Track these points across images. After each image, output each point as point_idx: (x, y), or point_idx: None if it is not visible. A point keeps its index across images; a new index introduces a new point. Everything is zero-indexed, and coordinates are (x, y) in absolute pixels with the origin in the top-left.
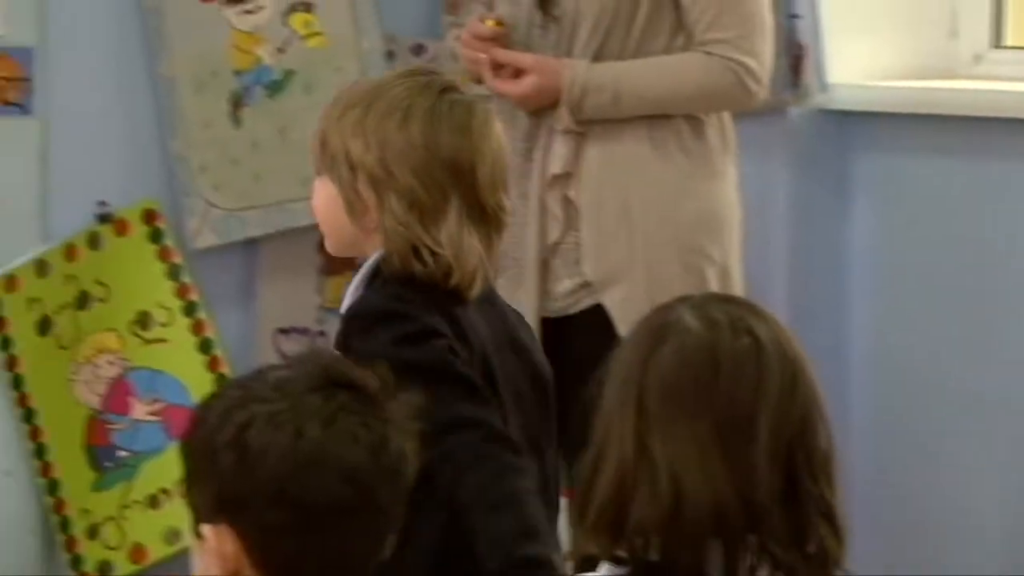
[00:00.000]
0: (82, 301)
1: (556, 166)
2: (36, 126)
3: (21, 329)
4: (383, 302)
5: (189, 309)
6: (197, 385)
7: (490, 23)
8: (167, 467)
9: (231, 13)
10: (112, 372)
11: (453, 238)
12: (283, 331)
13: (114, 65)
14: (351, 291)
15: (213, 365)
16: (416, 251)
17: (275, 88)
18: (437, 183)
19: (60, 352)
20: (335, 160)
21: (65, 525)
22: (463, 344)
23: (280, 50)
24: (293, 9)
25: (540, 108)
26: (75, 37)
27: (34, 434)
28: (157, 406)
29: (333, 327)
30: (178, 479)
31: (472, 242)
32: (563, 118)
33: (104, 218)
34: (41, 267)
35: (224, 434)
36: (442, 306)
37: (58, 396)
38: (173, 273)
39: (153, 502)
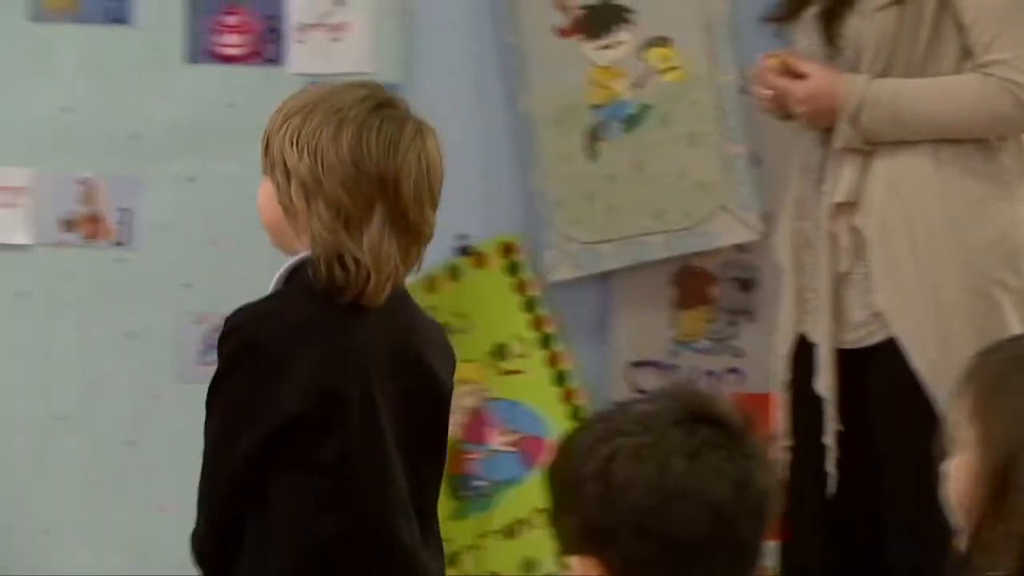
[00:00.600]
0: None
1: (840, 194)
2: None
3: None
4: (248, 314)
5: (545, 341)
6: (553, 416)
7: (776, 60)
8: (524, 497)
9: (589, 49)
10: (471, 402)
11: (374, 246)
12: (636, 364)
13: (475, 101)
14: (272, 284)
15: (568, 397)
16: (340, 258)
17: (631, 122)
18: (363, 195)
19: None
20: (274, 165)
21: None
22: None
23: (637, 85)
24: (651, 44)
25: (821, 120)
26: (439, 74)
27: None
28: (514, 436)
29: (686, 361)
30: (534, 509)
31: (391, 251)
32: (842, 132)
33: (464, 251)
34: None
35: (589, 466)
36: (333, 321)
37: None
38: (530, 305)
39: (510, 532)
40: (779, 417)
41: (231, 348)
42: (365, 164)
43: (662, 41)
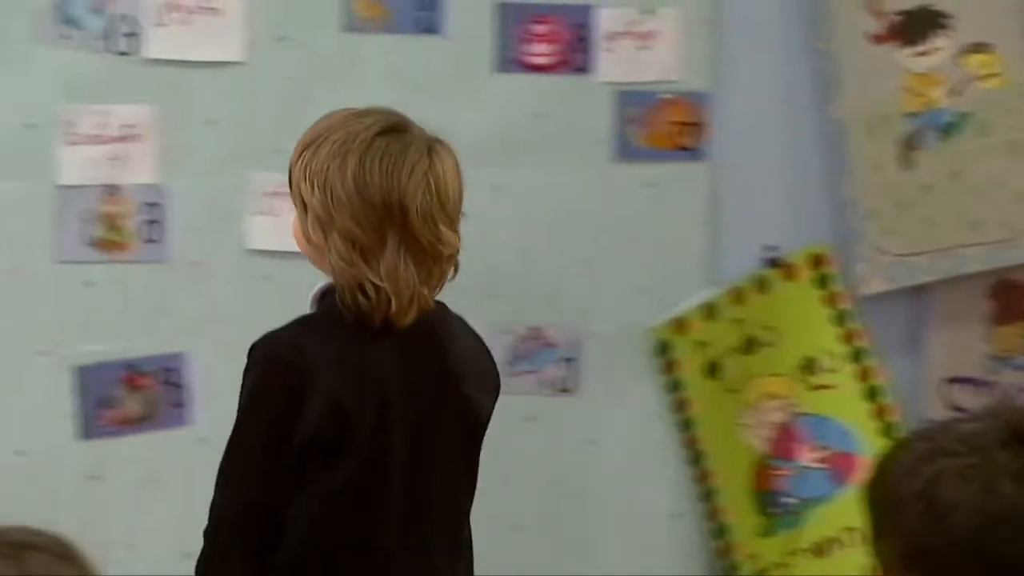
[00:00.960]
0: (749, 345)
1: None
2: (707, 170)
3: (690, 372)
4: (271, 341)
5: (856, 355)
6: (865, 433)
7: None
8: (834, 515)
9: (905, 55)
10: (778, 417)
11: (391, 272)
12: (951, 380)
13: (784, 109)
14: (309, 305)
15: (881, 413)
16: (361, 286)
17: (949, 131)
18: (372, 223)
19: (728, 396)
20: (295, 197)
21: (733, 570)
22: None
23: (955, 92)
24: (970, 50)
25: None
26: (747, 81)
27: (703, 477)
28: (824, 453)
29: (1005, 378)
30: (845, 528)
31: (408, 274)
32: None
33: (773, 263)
34: (710, 310)
35: (911, 486)
36: (355, 347)
37: (727, 439)
38: (840, 319)
39: (819, 550)
40: None
41: (255, 374)
42: (369, 192)
43: (982, 47)
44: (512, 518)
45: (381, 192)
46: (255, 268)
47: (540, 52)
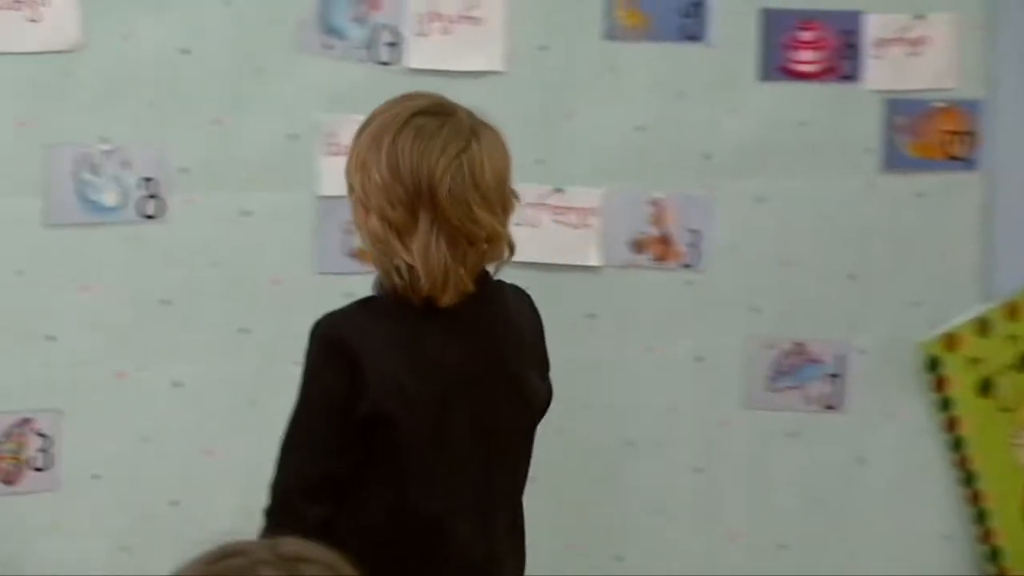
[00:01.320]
0: None
1: None
2: (981, 181)
3: (962, 389)
4: (328, 322)
5: None
6: None
7: None
8: None
9: None
10: None
11: (421, 251)
12: None
13: None
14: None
15: None
16: (397, 267)
17: None
18: (403, 203)
19: (1002, 415)
20: (347, 184)
21: None
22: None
23: None
24: None
25: None
26: (1022, 89)
27: (975, 498)
28: None
29: None
30: None
31: (440, 254)
32: None
33: None
34: (983, 326)
35: None
36: (402, 327)
37: (1000, 460)
38: None
39: None
40: None
41: (314, 352)
42: (401, 171)
43: None
44: (774, 537)
45: (412, 171)
46: (510, 279)
47: (806, 59)
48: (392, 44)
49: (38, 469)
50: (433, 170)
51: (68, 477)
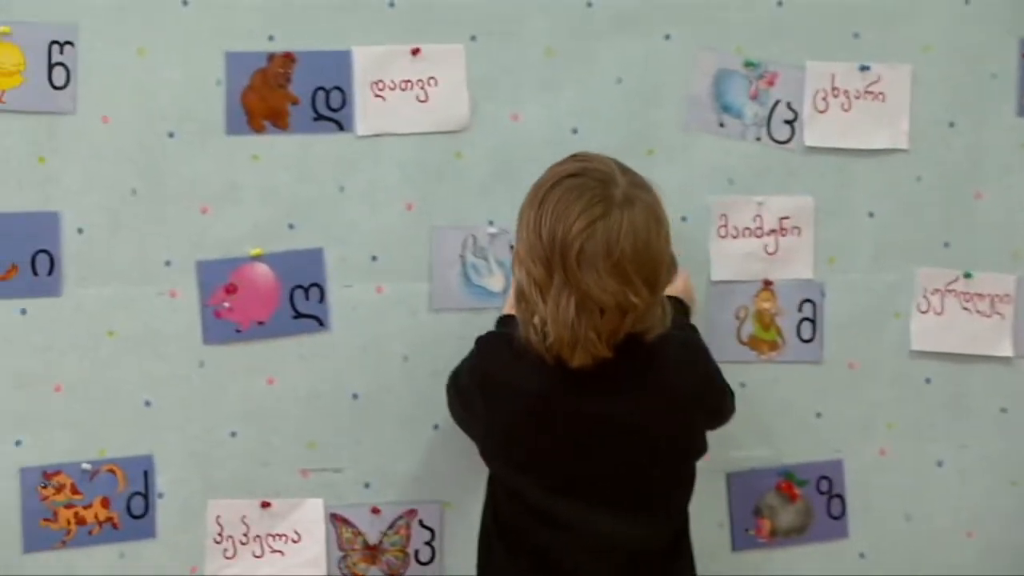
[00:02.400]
0: None
1: None
2: None
3: None
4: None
5: None
6: None
7: None
8: None
9: None
10: None
11: (552, 310)
12: None
13: None
14: None
15: None
16: (532, 320)
17: None
18: (542, 260)
19: None
20: None
21: None
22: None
23: None
24: None
25: None
26: None
27: None
28: None
29: None
30: None
31: (567, 316)
32: None
33: None
34: None
35: None
36: (540, 378)
37: None
38: None
39: None
40: None
41: (470, 360)
42: (542, 231)
43: None
44: None
45: (551, 231)
46: (917, 371)
47: None
48: (788, 122)
49: (421, 562)
50: (567, 233)
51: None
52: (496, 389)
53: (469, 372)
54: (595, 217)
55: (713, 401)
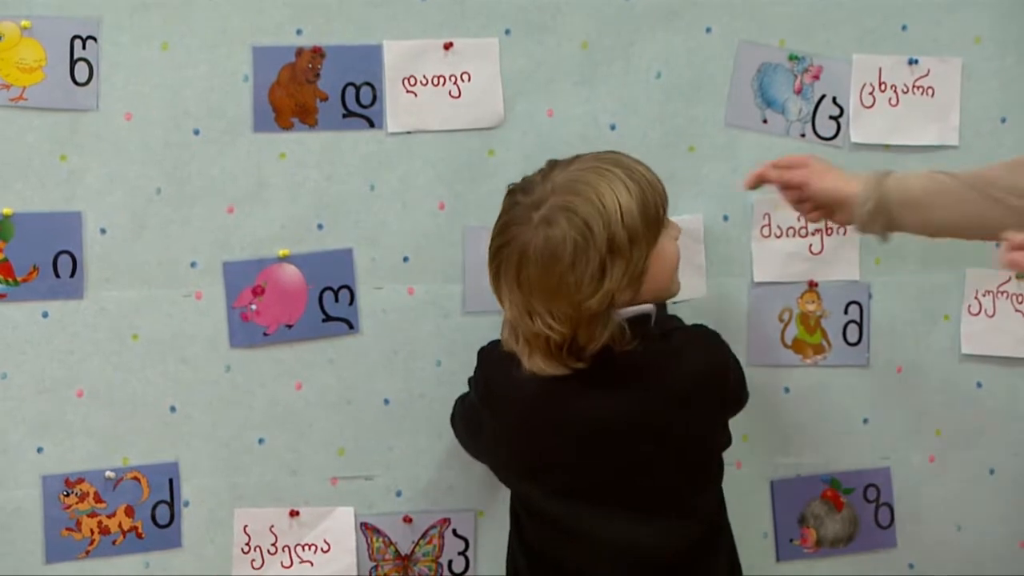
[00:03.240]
0: None
1: None
2: None
3: None
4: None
5: None
6: None
7: None
8: None
9: None
10: None
11: (508, 322)
12: None
13: None
14: None
15: None
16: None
17: None
18: (492, 274)
19: None
20: None
21: None
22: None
23: None
24: None
25: None
26: None
27: None
28: None
29: None
30: None
31: (508, 330)
32: None
33: None
34: None
35: None
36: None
37: None
38: None
39: None
40: None
41: (475, 374)
42: (490, 246)
43: None
44: None
45: (490, 247)
46: (967, 375)
47: None
48: (834, 117)
49: (455, 573)
50: (495, 249)
51: None
52: (497, 399)
53: (474, 385)
54: (504, 241)
55: (723, 390)
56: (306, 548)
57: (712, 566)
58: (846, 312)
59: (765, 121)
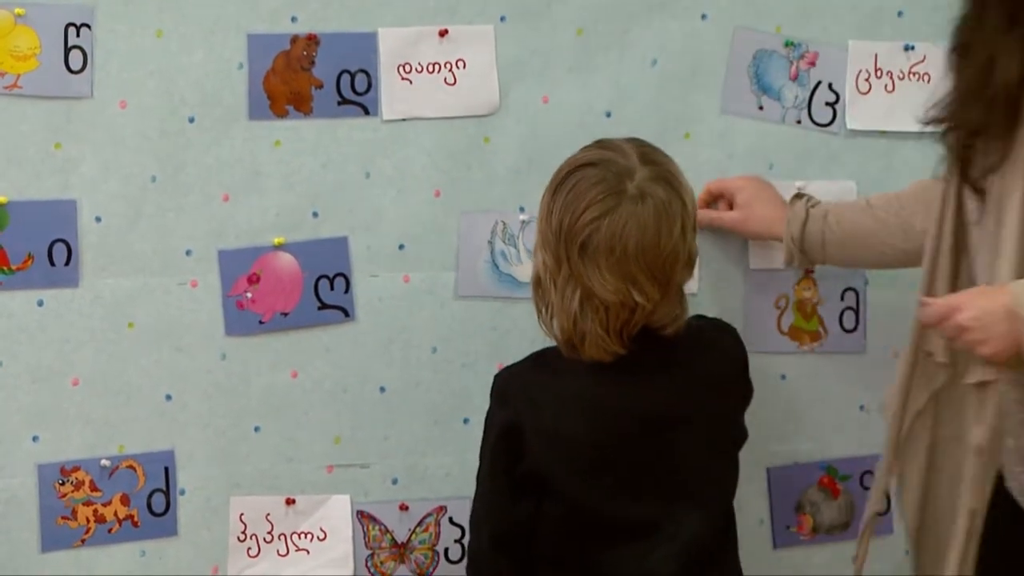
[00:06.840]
0: None
1: None
2: None
3: None
4: (503, 376)
5: None
6: None
7: None
8: None
9: None
10: None
11: (557, 302)
12: None
13: None
14: None
15: None
16: (542, 313)
17: None
18: (553, 252)
19: None
20: None
21: None
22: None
23: None
24: None
25: None
26: None
27: None
28: None
29: None
30: None
31: (570, 309)
32: None
33: None
34: None
35: None
36: (570, 379)
37: None
38: None
39: None
40: None
41: (489, 408)
42: (552, 220)
43: None
44: None
45: (559, 221)
46: None
47: None
48: (830, 104)
49: (451, 561)
50: (574, 224)
51: None
52: (545, 404)
53: (500, 415)
54: (603, 212)
55: (746, 383)
56: (302, 536)
57: (733, 555)
58: (842, 299)
59: (761, 108)
